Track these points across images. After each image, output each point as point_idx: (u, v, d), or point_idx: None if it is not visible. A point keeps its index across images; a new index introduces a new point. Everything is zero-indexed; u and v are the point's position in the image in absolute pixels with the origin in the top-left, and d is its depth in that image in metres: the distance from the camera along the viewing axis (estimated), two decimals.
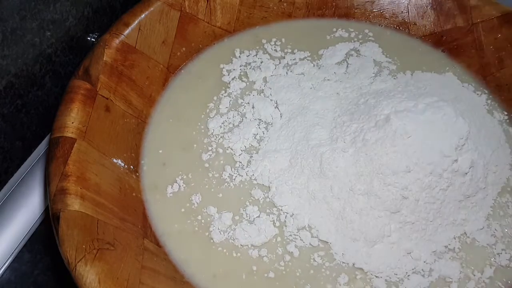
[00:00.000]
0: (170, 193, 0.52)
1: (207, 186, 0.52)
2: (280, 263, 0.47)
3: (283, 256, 0.48)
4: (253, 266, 0.47)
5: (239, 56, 0.63)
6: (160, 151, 0.55)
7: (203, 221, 0.50)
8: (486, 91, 0.62)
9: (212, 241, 0.49)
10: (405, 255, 0.48)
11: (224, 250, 0.48)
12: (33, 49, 0.55)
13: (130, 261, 0.43)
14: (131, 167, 0.52)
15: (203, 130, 0.56)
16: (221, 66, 0.62)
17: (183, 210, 0.51)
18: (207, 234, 0.49)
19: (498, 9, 0.62)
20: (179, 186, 0.52)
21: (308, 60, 0.63)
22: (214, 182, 0.52)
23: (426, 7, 0.66)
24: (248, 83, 0.61)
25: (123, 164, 0.51)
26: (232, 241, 0.49)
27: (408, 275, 0.47)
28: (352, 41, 0.65)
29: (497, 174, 0.53)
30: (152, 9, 0.57)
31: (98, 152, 0.49)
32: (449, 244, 0.49)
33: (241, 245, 0.48)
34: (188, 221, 0.50)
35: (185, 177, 0.53)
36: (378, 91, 0.57)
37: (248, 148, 0.55)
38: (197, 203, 0.51)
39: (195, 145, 0.55)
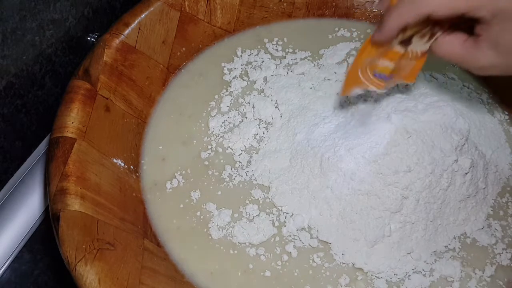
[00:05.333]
0: (170, 188, 0.52)
1: (206, 183, 0.52)
2: (277, 263, 0.47)
3: (280, 256, 0.48)
4: (250, 264, 0.47)
5: (241, 55, 0.63)
6: (160, 147, 0.55)
7: (202, 217, 0.50)
8: (486, 91, 0.62)
9: (210, 237, 0.49)
10: (405, 255, 0.48)
11: (222, 247, 0.48)
12: (33, 49, 0.54)
13: (130, 261, 0.43)
14: (131, 167, 0.52)
15: (203, 128, 0.57)
16: (223, 64, 0.62)
17: (182, 206, 0.51)
18: (205, 230, 0.49)
19: None
20: (178, 181, 0.52)
21: (308, 60, 0.63)
22: (213, 180, 0.53)
23: None
24: (249, 82, 0.61)
25: (123, 164, 0.51)
26: (230, 238, 0.49)
27: (409, 275, 0.47)
28: (353, 40, 0.65)
29: (497, 174, 0.54)
30: (152, 9, 0.57)
31: (98, 152, 0.49)
32: (449, 244, 0.49)
33: (239, 242, 0.48)
34: (187, 217, 0.50)
35: (184, 172, 0.53)
36: None
37: (248, 148, 0.55)
38: (196, 199, 0.51)
39: (195, 141, 0.56)
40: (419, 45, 0.43)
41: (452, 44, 0.40)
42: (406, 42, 0.43)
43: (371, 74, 0.45)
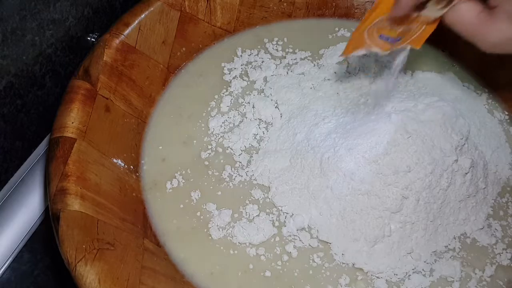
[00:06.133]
0: (170, 188, 0.52)
1: (206, 183, 0.52)
2: (278, 263, 0.47)
3: (281, 256, 0.48)
4: (250, 264, 0.47)
5: (241, 55, 0.63)
6: (160, 147, 0.55)
7: (202, 217, 0.50)
8: (486, 91, 0.62)
9: (210, 237, 0.49)
10: (405, 255, 0.48)
11: (222, 248, 0.48)
12: (33, 49, 0.54)
13: (130, 261, 0.43)
14: (131, 167, 0.52)
15: (203, 128, 0.57)
16: (223, 64, 0.62)
17: (182, 206, 0.51)
18: (205, 230, 0.49)
19: None
20: (178, 181, 0.52)
21: (308, 60, 0.63)
22: (214, 180, 0.53)
23: None
24: (249, 82, 0.61)
25: (123, 164, 0.51)
26: (230, 239, 0.49)
27: (409, 275, 0.47)
28: None
29: (497, 174, 0.54)
30: (152, 9, 0.57)
31: (98, 152, 0.49)
32: (449, 244, 0.49)
33: (239, 242, 0.48)
34: (187, 217, 0.50)
35: (184, 172, 0.53)
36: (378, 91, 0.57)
37: (248, 148, 0.55)
38: (196, 199, 0.51)
39: (195, 141, 0.56)
40: (433, 11, 0.40)
41: (466, 12, 0.38)
42: (419, 8, 0.41)
43: (377, 36, 0.43)
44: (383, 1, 0.41)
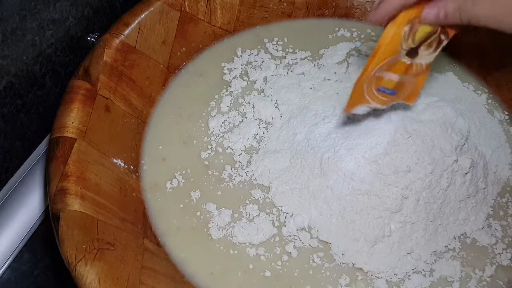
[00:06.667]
0: (170, 188, 0.52)
1: (206, 183, 0.52)
2: (277, 263, 0.47)
3: (280, 256, 0.48)
4: (250, 264, 0.47)
5: (241, 55, 0.63)
6: (160, 147, 0.55)
7: (202, 217, 0.50)
8: (486, 91, 0.62)
9: (210, 237, 0.49)
10: (405, 255, 0.48)
11: (222, 248, 0.48)
12: (33, 49, 0.55)
13: (130, 261, 0.43)
14: (131, 167, 0.52)
15: (203, 128, 0.57)
16: (223, 64, 0.63)
17: (182, 206, 0.51)
18: (205, 230, 0.49)
19: None
20: (178, 181, 0.52)
21: (308, 60, 0.63)
22: (213, 180, 0.53)
23: None
24: (249, 82, 0.61)
25: (123, 164, 0.51)
26: (230, 238, 0.49)
27: (409, 275, 0.47)
28: (353, 40, 0.65)
29: (497, 174, 0.54)
30: (152, 9, 0.58)
31: (98, 152, 0.49)
32: (449, 244, 0.49)
33: (239, 242, 0.48)
34: (187, 217, 0.50)
35: (184, 172, 0.53)
36: None
37: (248, 148, 0.55)
38: (196, 199, 0.51)
39: (194, 141, 0.56)
40: (425, 56, 0.42)
41: (437, 9, 0.40)
42: (413, 54, 0.42)
43: (375, 90, 0.44)
44: (380, 47, 0.41)
